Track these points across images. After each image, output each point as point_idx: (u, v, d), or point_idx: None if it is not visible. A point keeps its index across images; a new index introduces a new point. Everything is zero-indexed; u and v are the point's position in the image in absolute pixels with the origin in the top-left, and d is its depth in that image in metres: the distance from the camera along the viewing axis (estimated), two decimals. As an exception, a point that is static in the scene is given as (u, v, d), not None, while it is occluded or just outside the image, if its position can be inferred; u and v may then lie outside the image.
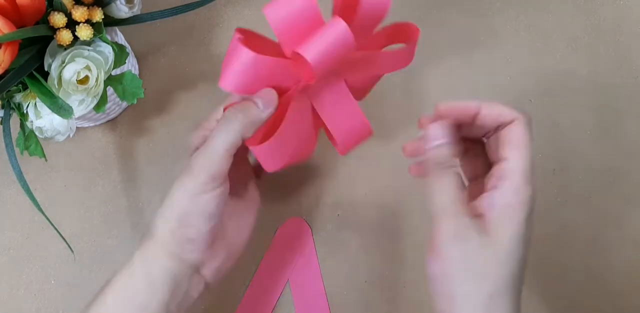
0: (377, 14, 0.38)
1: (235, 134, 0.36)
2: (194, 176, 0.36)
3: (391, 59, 0.42)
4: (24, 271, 0.51)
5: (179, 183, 0.37)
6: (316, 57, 0.35)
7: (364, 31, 0.39)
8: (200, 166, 0.36)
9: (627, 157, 0.53)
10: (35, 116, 0.42)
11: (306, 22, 0.36)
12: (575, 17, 0.56)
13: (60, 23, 0.40)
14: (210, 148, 0.36)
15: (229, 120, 0.37)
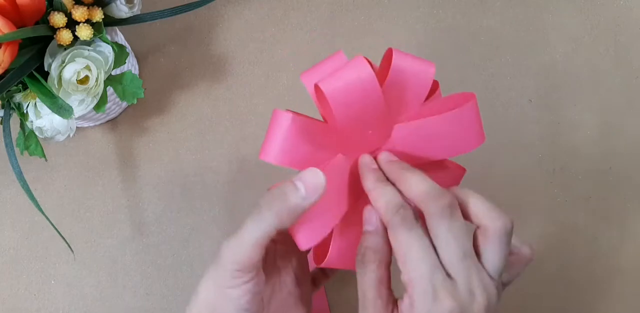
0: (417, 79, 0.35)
1: (267, 226, 0.32)
2: (221, 268, 0.32)
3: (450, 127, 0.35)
4: (24, 271, 0.51)
5: (207, 274, 0.33)
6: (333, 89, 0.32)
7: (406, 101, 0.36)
8: (227, 257, 0.32)
9: (627, 157, 0.53)
10: (35, 116, 0.42)
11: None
12: (575, 17, 0.56)
13: (60, 23, 0.40)
14: (240, 238, 0.32)
15: (261, 212, 0.32)
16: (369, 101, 0.33)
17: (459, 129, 0.35)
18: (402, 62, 0.35)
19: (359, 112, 0.33)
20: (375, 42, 0.55)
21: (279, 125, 0.33)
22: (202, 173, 0.52)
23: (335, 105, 0.32)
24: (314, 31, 0.56)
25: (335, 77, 0.32)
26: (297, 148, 0.34)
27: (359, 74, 0.32)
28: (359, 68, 0.32)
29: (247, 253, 0.32)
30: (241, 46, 0.55)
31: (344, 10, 0.56)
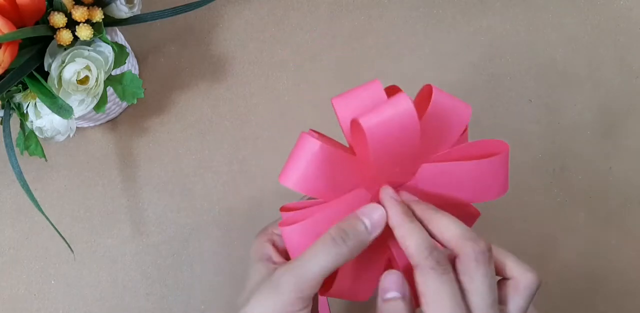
0: (453, 119, 0.35)
1: (339, 258, 0.32)
2: (280, 295, 0.32)
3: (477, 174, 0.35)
4: (24, 271, 0.51)
5: (259, 301, 0.32)
6: (373, 126, 0.31)
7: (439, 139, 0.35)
8: (289, 285, 0.32)
9: (627, 157, 0.53)
10: (35, 116, 0.42)
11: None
12: (575, 17, 0.56)
13: (60, 23, 0.40)
14: (306, 267, 0.32)
15: (337, 243, 0.32)
16: (407, 139, 0.32)
17: (485, 178, 0.35)
18: (442, 100, 0.34)
19: (394, 149, 0.32)
20: (375, 42, 0.55)
21: (305, 151, 0.33)
22: (202, 173, 0.52)
23: (373, 142, 0.31)
24: (314, 31, 0.56)
25: (377, 113, 0.31)
26: (319, 177, 0.33)
27: (401, 111, 0.31)
28: (402, 105, 0.31)
29: (313, 283, 0.32)
30: (241, 46, 0.55)
31: (344, 10, 0.56)
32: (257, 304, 0.32)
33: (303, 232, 0.33)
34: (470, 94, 0.54)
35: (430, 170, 0.34)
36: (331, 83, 0.54)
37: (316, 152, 0.32)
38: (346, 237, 0.32)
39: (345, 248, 0.32)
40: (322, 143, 0.32)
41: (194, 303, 0.50)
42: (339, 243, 0.32)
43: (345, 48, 0.55)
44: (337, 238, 0.32)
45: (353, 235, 0.32)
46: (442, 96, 0.35)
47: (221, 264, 0.51)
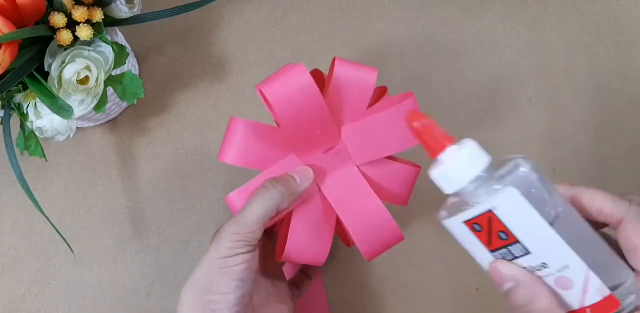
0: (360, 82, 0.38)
1: (272, 202, 0.36)
2: (223, 240, 0.35)
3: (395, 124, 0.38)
4: (24, 271, 0.51)
5: (207, 253, 0.36)
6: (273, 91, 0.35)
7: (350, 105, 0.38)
8: (231, 230, 0.35)
9: (627, 157, 0.53)
10: (35, 116, 0.42)
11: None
12: (575, 17, 0.56)
13: (60, 23, 0.40)
14: (245, 213, 0.36)
15: (267, 189, 0.36)
16: (310, 103, 0.36)
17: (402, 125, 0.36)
18: (344, 69, 0.38)
19: (301, 113, 0.36)
20: (375, 42, 0.55)
21: (233, 130, 0.38)
22: (202, 173, 0.52)
23: (277, 107, 0.35)
24: (314, 31, 0.56)
25: (274, 81, 0.36)
26: (251, 149, 0.37)
27: (297, 77, 0.35)
28: (297, 72, 0.35)
29: (252, 226, 0.35)
30: (241, 46, 0.55)
31: (344, 10, 0.56)
32: (206, 254, 0.35)
33: (242, 194, 0.37)
34: (470, 93, 0.54)
35: (350, 130, 0.38)
36: (331, 83, 0.54)
37: (242, 127, 0.37)
38: (276, 182, 0.36)
39: (274, 190, 0.36)
40: (246, 120, 0.37)
41: (194, 303, 0.50)
42: (269, 188, 0.36)
43: (345, 48, 0.55)
44: (268, 184, 0.36)
45: (282, 181, 0.37)
46: (345, 64, 0.38)
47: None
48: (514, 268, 0.30)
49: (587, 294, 0.29)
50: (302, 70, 0.35)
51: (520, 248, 0.29)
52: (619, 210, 0.31)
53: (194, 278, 0.35)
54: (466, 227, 0.31)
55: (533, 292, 0.30)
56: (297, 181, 0.37)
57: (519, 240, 0.29)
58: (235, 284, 0.34)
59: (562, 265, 0.29)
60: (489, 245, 0.30)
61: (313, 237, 0.38)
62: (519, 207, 0.29)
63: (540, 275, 0.30)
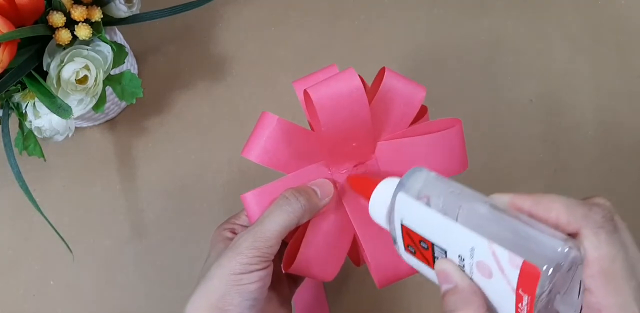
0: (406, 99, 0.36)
1: (293, 216, 0.34)
2: (240, 255, 0.33)
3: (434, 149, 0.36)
4: (23, 272, 0.50)
5: (220, 264, 0.33)
6: (321, 96, 0.33)
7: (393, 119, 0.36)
8: (248, 244, 0.33)
9: (627, 157, 0.53)
10: (34, 116, 0.42)
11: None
12: (575, 17, 0.56)
13: (59, 22, 0.40)
14: (264, 227, 0.34)
15: (290, 201, 0.34)
16: (355, 112, 0.34)
17: (441, 153, 0.36)
18: (393, 81, 0.36)
19: (344, 121, 0.34)
20: (375, 42, 0.55)
21: (264, 126, 0.35)
22: (202, 174, 0.52)
23: (322, 112, 0.33)
24: (314, 31, 0.55)
25: (324, 85, 0.33)
26: (279, 150, 0.35)
27: (348, 84, 0.33)
28: (348, 79, 0.33)
29: (270, 241, 0.33)
30: (241, 46, 0.55)
31: (344, 10, 0.56)
32: (217, 268, 0.33)
33: (261, 198, 0.35)
34: (470, 93, 0.54)
35: (387, 147, 0.36)
36: (331, 83, 0.54)
37: (274, 125, 0.35)
38: (298, 195, 0.34)
39: (297, 205, 0.34)
40: (279, 117, 0.34)
41: (194, 303, 0.50)
42: (292, 201, 0.34)
43: (345, 48, 0.55)
44: (290, 196, 0.34)
45: (305, 194, 0.35)
46: (395, 77, 0.36)
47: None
48: (455, 268, 0.28)
49: (505, 272, 0.26)
50: (354, 76, 0.33)
51: (439, 250, 0.29)
52: (575, 220, 0.27)
53: (204, 293, 0.33)
54: (410, 256, 0.31)
55: (466, 299, 0.27)
56: (319, 195, 0.35)
57: (431, 240, 0.29)
58: (249, 304, 0.33)
59: (469, 248, 0.27)
60: (428, 263, 0.30)
61: (326, 253, 0.36)
62: (414, 208, 0.29)
63: (465, 270, 0.28)
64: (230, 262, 0.33)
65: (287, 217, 0.34)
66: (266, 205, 0.35)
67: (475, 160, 0.53)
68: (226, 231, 0.38)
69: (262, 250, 0.33)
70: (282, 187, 0.36)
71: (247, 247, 0.33)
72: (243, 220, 0.39)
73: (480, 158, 0.53)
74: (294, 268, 0.36)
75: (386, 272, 0.36)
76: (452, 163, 0.37)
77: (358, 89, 0.33)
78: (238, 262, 0.33)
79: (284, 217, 0.34)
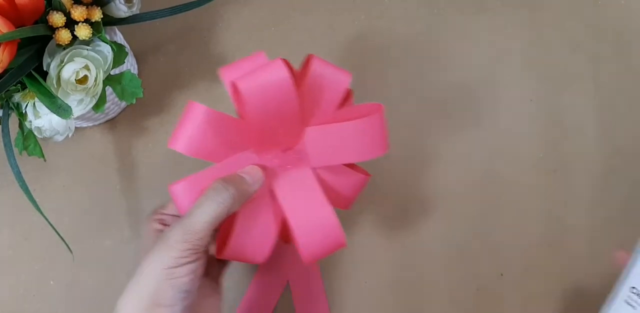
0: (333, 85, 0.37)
1: (224, 207, 0.34)
2: (170, 248, 0.33)
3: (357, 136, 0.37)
4: (23, 271, 0.50)
5: (150, 258, 0.33)
6: (250, 87, 0.33)
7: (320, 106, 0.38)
8: (179, 237, 0.33)
9: (627, 157, 0.53)
10: (34, 116, 0.42)
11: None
12: (575, 17, 0.56)
13: (59, 22, 0.40)
14: (194, 219, 0.33)
15: (219, 191, 0.34)
16: (283, 102, 0.35)
17: (365, 137, 0.37)
18: (320, 69, 0.37)
19: (272, 111, 0.35)
20: (375, 42, 0.55)
21: (191, 117, 0.35)
22: (201, 174, 0.52)
23: (250, 103, 0.34)
24: (314, 31, 0.55)
25: (252, 76, 0.34)
26: (207, 139, 0.35)
27: (276, 75, 0.34)
28: (276, 69, 0.34)
29: (201, 233, 0.33)
30: (241, 46, 0.55)
31: (344, 10, 0.56)
32: (148, 262, 0.33)
33: (189, 189, 0.36)
34: (470, 93, 0.54)
35: (314, 132, 0.37)
36: (331, 83, 0.54)
37: (201, 115, 0.34)
38: (227, 185, 0.34)
39: (227, 194, 0.34)
40: (207, 107, 0.34)
41: (194, 303, 0.50)
42: (221, 191, 0.34)
43: (345, 48, 0.55)
44: (219, 186, 0.34)
45: (234, 183, 0.35)
46: (321, 64, 0.37)
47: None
48: None
49: None
50: (282, 67, 0.34)
51: None
52: None
53: (136, 288, 0.33)
54: None
55: None
56: (249, 182, 0.36)
57: None
58: (182, 296, 0.33)
59: None
60: None
61: (258, 237, 0.38)
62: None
63: None
64: (162, 256, 0.33)
65: (217, 207, 0.34)
66: (195, 195, 0.36)
67: (474, 160, 0.53)
68: (155, 222, 0.38)
69: (193, 243, 0.33)
70: (211, 177, 0.36)
71: (178, 241, 0.33)
72: (171, 210, 0.39)
73: (480, 158, 0.53)
74: (227, 254, 0.37)
75: (315, 250, 0.38)
76: (374, 146, 0.38)
77: (286, 80, 0.34)
78: (169, 256, 0.33)
79: (213, 207, 0.34)
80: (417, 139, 0.53)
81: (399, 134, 0.53)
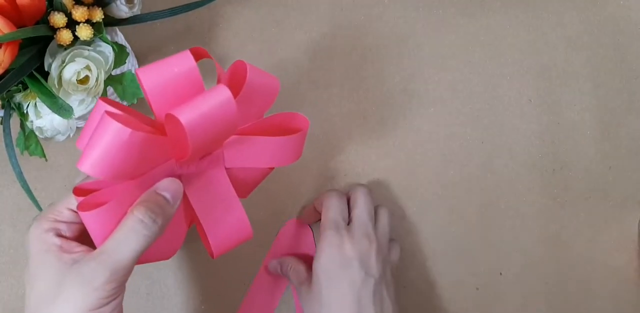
0: (265, 94, 0.36)
1: (151, 239, 0.31)
2: (97, 291, 0.30)
3: (278, 148, 0.38)
4: (24, 271, 0.50)
5: (69, 299, 0.30)
6: (192, 120, 0.30)
7: (250, 114, 0.37)
8: (105, 278, 0.30)
9: (627, 157, 0.53)
10: (36, 116, 0.42)
11: (186, 88, 0.32)
12: (575, 17, 0.56)
13: (61, 23, 0.40)
14: (120, 256, 0.30)
15: (147, 225, 0.31)
16: (225, 125, 0.32)
17: (283, 150, 0.38)
18: (254, 76, 0.36)
19: (212, 134, 0.32)
20: (375, 42, 0.55)
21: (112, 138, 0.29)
22: (202, 173, 0.52)
23: (192, 133, 0.31)
24: (314, 31, 0.56)
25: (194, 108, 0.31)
26: (126, 161, 0.30)
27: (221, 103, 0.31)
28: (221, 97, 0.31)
29: (128, 270, 0.31)
30: (241, 46, 0.55)
31: (344, 10, 0.56)
32: (68, 303, 0.30)
33: (107, 215, 0.32)
34: (470, 93, 0.54)
35: (236, 141, 0.37)
36: (331, 83, 0.54)
37: (125, 139, 0.29)
38: (155, 216, 0.31)
39: (155, 227, 0.31)
40: (131, 130, 0.29)
41: (194, 303, 0.50)
42: (150, 225, 0.31)
43: (344, 48, 0.55)
44: (147, 220, 0.31)
45: (160, 213, 0.31)
46: (255, 71, 0.36)
47: (221, 264, 0.51)
48: None
49: None
50: (226, 93, 0.31)
51: None
52: None
53: None
54: None
55: None
56: (171, 202, 0.32)
57: None
58: None
59: None
60: None
61: (170, 238, 0.37)
62: None
63: None
64: (86, 298, 0.30)
65: (144, 242, 0.31)
66: (113, 222, 0.32)
67: (474, 160, 0.53)
68: (50, 234, 0.33)
69: (121, 280, 0.31)
70: (130, 199, 0.32)
71: (105, 282, 0.30)
72: (66, 216, 0.34)
73: (480, 158, 0.53)
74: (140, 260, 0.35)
75: (223, 247, 0.39)
76: (290, 157, 0.39)
77: (231, 106, 0.31)
78: (95, 297, 0.30)
79: (141, 243, 0.31)
80: (415, 138, 0.53)
81: (399, 133, 0.53)
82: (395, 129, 0.53)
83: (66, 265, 0.31)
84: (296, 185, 0.52)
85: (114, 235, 0.31)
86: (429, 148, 0.53)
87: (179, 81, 0.31)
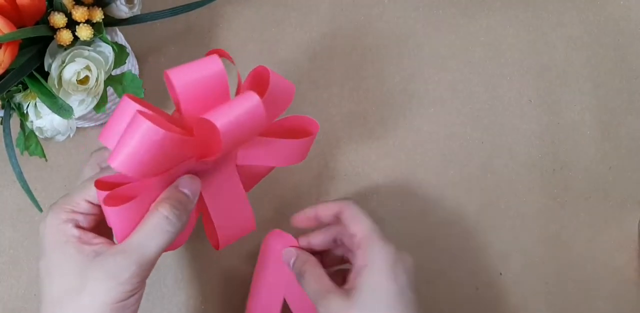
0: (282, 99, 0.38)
1: (175, 235, 0.32)
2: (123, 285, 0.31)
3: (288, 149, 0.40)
4: (24, 271, 0.51)
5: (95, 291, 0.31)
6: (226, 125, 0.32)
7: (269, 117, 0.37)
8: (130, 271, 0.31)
9: (627, 157, 0.53)
10: (36, 116, 0.42)
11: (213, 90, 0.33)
12: (575, 17, 0.57)
13: (61, 23, 0.40)
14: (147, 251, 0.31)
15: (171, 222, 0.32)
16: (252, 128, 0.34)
17: (293, 151, 0.41)
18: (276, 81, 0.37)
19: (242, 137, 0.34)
20: (375, 42, 0.55)
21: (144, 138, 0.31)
22: (202, 174, 0.52)
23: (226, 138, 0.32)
24: (314, 31, 0.56)
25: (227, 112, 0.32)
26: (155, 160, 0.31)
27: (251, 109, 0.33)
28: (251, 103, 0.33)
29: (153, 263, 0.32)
30: (241, 46, 0.55)
31: (344, 10, 0.56)
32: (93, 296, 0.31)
33: (132, 212, 0.33)
34: (470, 93, 0.54)
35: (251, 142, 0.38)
36: (331, 83, 0.54)
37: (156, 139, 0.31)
38: (179, 213, 0.32)
39: (179, 224, 0.32)
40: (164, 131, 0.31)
41: (194, 303, 0.50)
42: (174, 222, 0.32)
43: (344, 48, 0.55)
44: (172, 216, 0.32)
45: (183, 210, 0.33)
46: (276, 78, 0.37)
47: (222, 264, 0.51)
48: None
49: None
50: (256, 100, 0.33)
51: None
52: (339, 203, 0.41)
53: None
54: None
55: None
56: (191, 199, 0.34)
57: None
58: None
59: None
60: None
61: None
62: None
63: None
64: (111, 292, 0.31)
65: (168, 238, 0.32)
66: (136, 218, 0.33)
67: (474, 160, 0.53)
68: (69, 225, 0.34)
69: (144, 274, 0.32)
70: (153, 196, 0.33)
71: (131, 276, 0.31)
72: (83, 208, 0.35)
73: (480, 158, 0.53)
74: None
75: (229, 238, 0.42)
76: (296, 158, 0.42)
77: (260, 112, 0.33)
78: (121, 291, 0.31)
79: (165, 239, 0.32)
80: (415, 138, 0.53)
81: (399, 133, 0.53)
82: (395, 129, 0.53)
83: (88, 258, 0.32)
84: (296, 184, 0.52)
85: (139, 231, 0.32)
86: (429, 148, 0.53)
87: (207, 83, 0.33)
